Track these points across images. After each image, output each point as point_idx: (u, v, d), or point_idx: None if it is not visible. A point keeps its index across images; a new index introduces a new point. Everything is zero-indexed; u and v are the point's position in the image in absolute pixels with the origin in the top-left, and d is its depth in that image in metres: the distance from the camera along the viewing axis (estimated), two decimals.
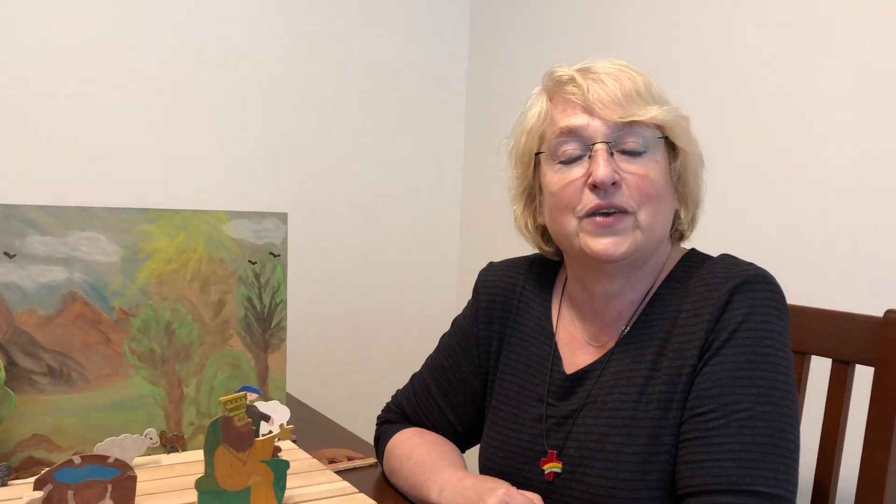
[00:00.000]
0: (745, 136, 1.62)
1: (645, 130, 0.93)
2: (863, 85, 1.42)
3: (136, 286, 1.20)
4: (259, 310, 1.29)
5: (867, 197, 1.41)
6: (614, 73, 0.94)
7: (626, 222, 0.92)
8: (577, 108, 0.94)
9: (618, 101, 0.92)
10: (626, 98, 0.92)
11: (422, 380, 1.18)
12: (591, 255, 0.93)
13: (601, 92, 0.93)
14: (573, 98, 0.95)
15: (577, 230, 0.94)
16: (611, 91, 0.92)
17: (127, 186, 1.98)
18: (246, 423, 0.96)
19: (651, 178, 0.92)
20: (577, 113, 0.94)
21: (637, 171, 0.92)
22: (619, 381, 0.95)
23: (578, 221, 0.94)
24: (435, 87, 2.47)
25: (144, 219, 1.20)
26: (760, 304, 0.89)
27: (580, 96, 0.94)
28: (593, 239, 0.93)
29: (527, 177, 1.03)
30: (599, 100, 0.92)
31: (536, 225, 1.06)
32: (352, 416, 1.83)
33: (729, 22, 1.67)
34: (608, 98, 0.92)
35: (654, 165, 0.93)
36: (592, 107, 0.93)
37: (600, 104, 0.92)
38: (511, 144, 1.05)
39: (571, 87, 0.95)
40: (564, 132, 0.95)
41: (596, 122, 0.93)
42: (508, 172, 1.07)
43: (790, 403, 0.87)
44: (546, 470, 0.97)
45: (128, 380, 1.20)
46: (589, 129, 0.93)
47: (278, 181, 2.20)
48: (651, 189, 0.92)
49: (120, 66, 1.97)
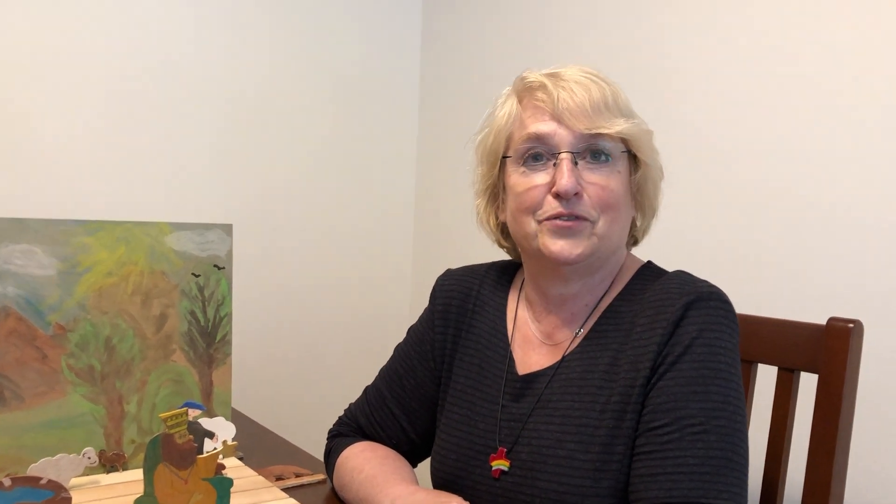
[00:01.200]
0: (689, 146, 1.64)
1: (609, 143, 0.95)
2: (805, 96, 1.45)
3: (74, 300, 1.16)
4: (203, 324, 1.26)
5: (809, 205, 1.44)
6: (584, 81, 0.96)
7: (584, 227, 0.94)
8: (545, 115, 0.96)
9: (585, 112, 0.94)
10: (593, 109, 0.94)
11: (376, 389, 1.18)
12: (547, 255, 0.95)
13: (570, 101, 0.94)
14: (542, 105, 0.97)
15: (537, 231, 0.96)
16: (579, 101, 0.94)
17: (65, 197, 1.92)
18: (188, 440, 0.93)
19: (611, 189, 0.95)
20: (545, 120, 0.96)
21: (598, 181, 0.94)
22: (571, 387, 0.96)
23: (538, 224, 0.96)
24: (386, 95, 2.46)
25: (83, 231, 1.16)
26: (713, 321, 0.91)
27: (549, 104, 0.96)
28: (551, 240, 0.94)
29: (492, 175, 1.05)
30: (568, 109, 0.94)
31: (498, 222, 1.08)
32: (302, 432, 1.80)
33: (682, 30, 1.69)
34: (576, 108, 0.94)
35: (616, 176, 0.96)
36: (561, 115, 0.94)
37: (568, 113, 0.94)
38: (479, 140, 1.07)
39: (541, 93, 0.97)
40: (532, 138, 0.96)
41: (563, 130, 0.95)
42: (474, 168, 1.09)
43: (741, 419, 0.89)
44: (493, 466, 0.97)
45: (65, 398, 1.15)
46: (556, 138, 0.95)
47: (223, 191, 2.16)
48: (611, 199, 0.95)
49: (59, 72, 1.92)
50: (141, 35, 2.02)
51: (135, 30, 2.01)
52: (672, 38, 1.70)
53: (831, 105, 1.41)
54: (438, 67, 2.44)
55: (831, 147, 1.41)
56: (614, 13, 1.84)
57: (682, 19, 1.68)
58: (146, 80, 2.03)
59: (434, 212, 2.46)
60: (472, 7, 2.31)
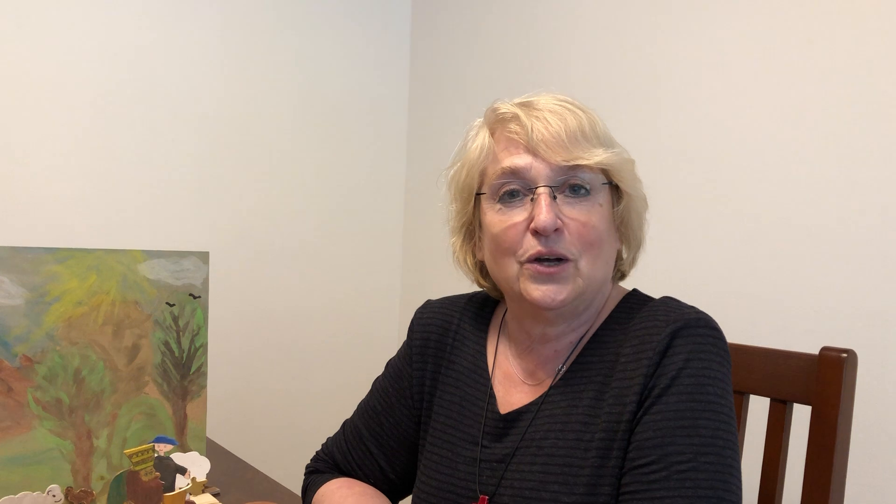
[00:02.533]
0: (677, 176, 1.62)
1: (589, 174, 0.91)
2: (793, 121, 1.43)
3: (42, 331, 1.12)
4: (177, 355, 1.22)
5: (801, 234, 1.41)
6: (558, 110, 0.92)
7: (567, 270, 0.89)
8: (519, 148, 0.91)
9: (562, 143, 0.89)
10: (570, 139, 0.90)
11: (353, 425, 1.14)
12: (530, 301, 0.91)
13: (545, 132, 0.90)
14: (516, 137, 0.92)
15: (518, 275, 0.91)
16: (554, 131, 0.90)
17: (34, 224, 1.87)
18: (153, 477, 0.89)
19: (593, 225, 0.90)
20: (519, 153, 0.91)
21: (579, 216, 0.89)
22: (555, 424, 0.92)
23: (520, 266, 0.91)
24: (374, 118, 2.44)
25: (52, 259, 1.13)
26: (701, 350, 0.86)
27: (523, 136, 0.91)
28: (534, 285, 0.90)
29: (466, 212, 1.00)
30: (543, 140, 0.89)
31: (475, 260, 1.04)
32: (282, 466, 1.75)
33: (670, 53, 1.68)
34: (552, 139, 0.89)
35: (597, 210, 0.91)
36: (536, 148, 0.90)
37: (544, 145, 0.89)
38: (451, 175, 1.02)
39: (514, 125, 0.92)
40: (507, 172, 0.92)
41: (539, 163, 0.90)
42: (447, 204, 1.04)
43: (732, 453, 0.84)
44: None
45: (30, 432, 1.11)
46: (532, 171, 0.90)
47: (200, 218, 2.11)
48: (593, 236, 0.90)
49: (32, 97, 1.89)
50: (118, 59, 2.00)
51: (111, 54, 1.99)
52: (665, 62, 1.69)
53: (821, 132, 1.39)
54: (428, 88, 2.43)
55: (824, 174, 1.39)
56: (603, 35, 1.83)
57: (673, 40, 1.67)
58: (121, 103, 2.01)
59: (425, 237, 2.43)
60: (462, 29, 2.30)
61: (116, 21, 1.99)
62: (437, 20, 2.40)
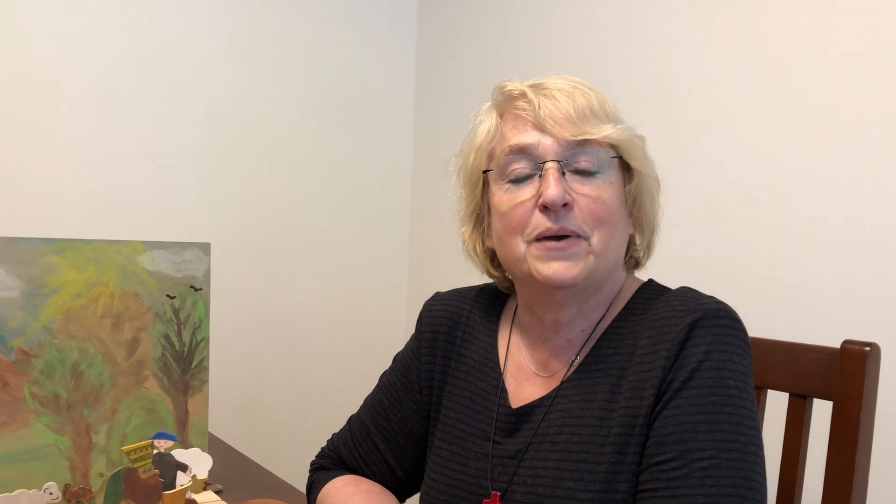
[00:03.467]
0: (698, 164, 1.59)
1: (598, 150, 0.88)
2: (813, 113, 1.40)
3: (40, 324, 1.09)
4: (178, 348, 1.19)
5: (820, 226, 1.38)
6: (567, 89, 0.90)
7: (579, 247, 0.87)
8: (527, 125, 0.90)
9: (570, 119, 0.88)
10: (578, 115, 0.88)
11: (359, 421, 1.11)
12: (540, 280, 0.88)
13: (553, 108, 0.88)
14: (524, 114, 0.90)
15: (526, 254, 0.89)
16: (563, 108, 0.88)
17: (32, 215, 1.85)
18: (152, 474, 0.86)
19: (604, 200, 0.88)
20: (527, 130, 0.89)
21: (590, 192, 0.87)
22: (570, 418, 0.89)
23: (527, 245, 0.88)
24: (380, 109, 2.41)
25: (50, 249, 1.10)
26: (722, 341, 0.83)
27: (531, 112, 0.89)
28: (543, 263, 0.87)
29: (475, 197, 0.98)
30: (551, 116, 0.88)
31: (485, 248, 1.01)
32: (286, 463, 1.73)
33: (683, 42, 1.65)
34: (560, 115, 0.88)
35: (608, 187, 0.89)
36: (544, 124, 0.88)
37: (552, 121, 0.88)
38: (459, 163, 1.00)
39: (522, 102, 0.91)
40: (514, 150, 0.90)
41: (547, 139, 0.88)
42: (456, 192, 1.02)
43: (755, 448, 0.81)
44: None
45: (27, 428, 1.08)
46: (540, 148, 0.88)
47: (202, 208, 2.08)
48: (604, 212, 0.87)
49: (31, 86, 1.87)
50: (120, 49, 1.97)
51: (113, 44, 1.96)
52: (675, 57, 1.66)
53: (841, 122, 1.36)
54: (435, 79, 2.40)
55: (845, 165, 1.36)
56: (612, 26, 1.80)
57: (684, 31, 1.64)
58: (122, 92, 1.98)
59: (432, 231, 2.39)
60: (468, 23, 2.27)
61: (119, 10, 1.96)
62: (444, 15, 2.37)
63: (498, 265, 1.01)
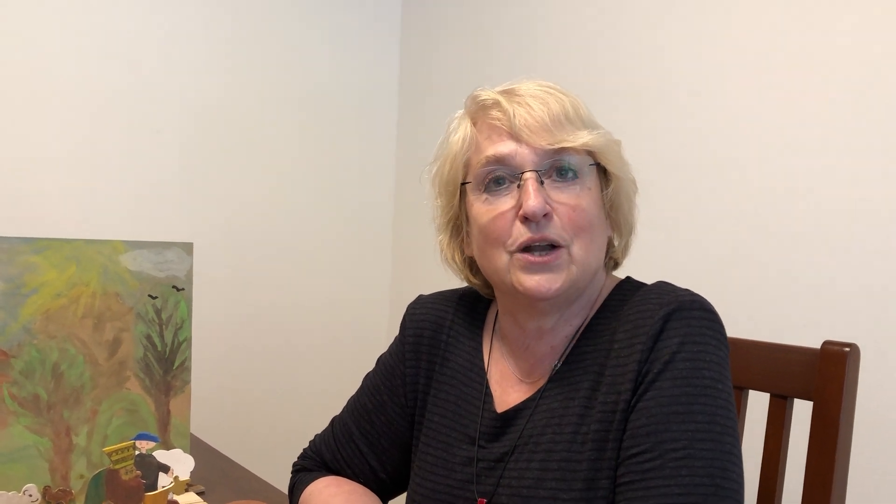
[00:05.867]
0: (677, 163, 1.60)
1: (575, 157, 0.88)
2: (792, 112, 1.41)
3: (19, 324, 1.08)
4: (160, 349, 1.18)
5: (802, 226, 1.39)
6: (540, 95, 0.90)
7: (561, 257, 0.87)
8: (503, 135, 0.89)
9: (545, 127, 0.87)
10: (554, 123, 0.88)
11: (342, 423, 1.10)
12: (523, 291, 0.88)
13: (528, 117, 0.87)
14: (498, 124, 0.90)
15: (509, 266, 0.89)
16: (538, 115, 0.87)
17: (12, 215, 1.83)
18: (134, 475, 0.86)
19: (583, 208, 0.88)
20: (503, 140, 0.89)
21: (568, 200, 0.87)
22: (552, 419, 0.89)
23: (510, 256, 0.88)
24: (363, 109, 2.40)
25: (29, 249, 1.09)
26: (696, 332, 0.84)
27: (506, 122, 0.89)
28: (526, 275, 0.87)
29: (452, 206, 0.98)
30: (526, 125, 0.87)
31: (464, 257, 1.01)
32: (269, 464, 1.72)
33: (663, 43, 1.66)
34: (535, 123, 0.87)
35: (587, 193, 0.89)
36: (519, 133, 0.88)
37: (528, 130, 0.87)
38: (434, 171, 1.00)
39: (496, 111, 0.90)
40: (491, 160, 0.89)
41: (524, 149, 0.88)
42: (432, 201, 1.02)
43: (731, 439, 0.81)
44: None
45: (6, 429, 1.07)
46: (517, 158, 0.88)
47: (183, 209, 2.07)
48: (584, 220, 0.88)
49: (9, 87, 1.85)
50: (102, 49, 1.96)
51: (95, 44, 1.95)
52: (662, 58, 1.66)
53: (821, 125, 1.37)
54: (418, 83, 2.40)
55: (825, 167, 1.37)
56: (597, 25, 1.81)
57: (672, 35, 1.65)
58: (104, 92, 1.96)
59: (414, 232, 2.39)
60: (452, 24, 2.27)
61: (101, 12, 1.95)
62: (428, 15, 2.37)
63: (477, 272, 1.01)
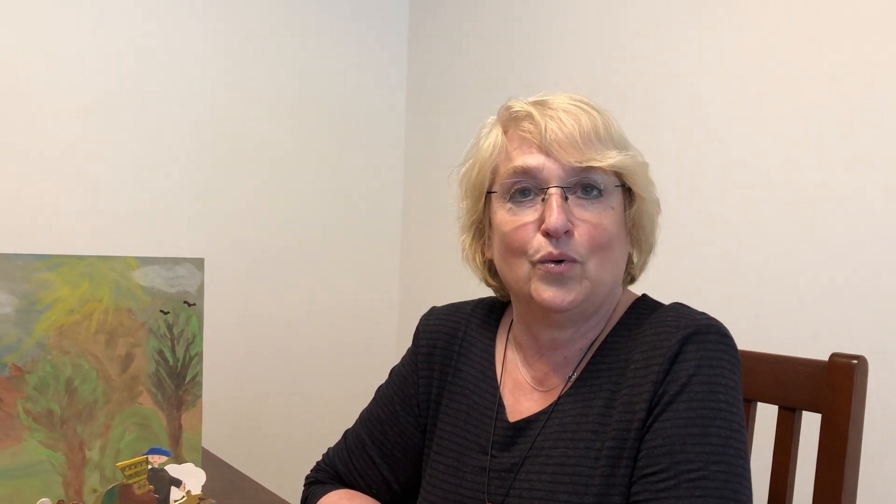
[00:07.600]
0: (685, 177, 1.60)
1: (602, 176, 0.90)
2: (799, 125, 1.41)
3: (33, 339, 1.09)
4: (172, 364, 1.19)
5: (810, 239, 1.39)
6: (573, 110, 0.90)
7: (575, 270, 0.88)
8: (532, 147, 0.90)
9: (575, 144, 0.88)
10: (583, 140, 0.89)
11: (355, 434, 1.12)
12: (539, 302, 0.89)
13: (558, 132, 0.88)
14: (529, 136, 0.91)
15: (530, 275, 0.90)
16: (568, 131, 0.88)
17: (25, 231, 1.85)
18: (147, 490, 0.87)
19: (604, 227, 0.89)
20: (532, 153, 0.90)
21: (591, 218, 0.88)
22: (564, 433, 0.90)
23: (532, 266, 0.90)
24: (371, 121, 2.41)
25: (43, 266, 1.10)
26: (712, 356, 0.85)
27: (536, 135, 0.90)
28: (544, 286, 0.89)
29: (477, 210, 0.99)
30: (556, 140, 0.88)
31: (484, 259, 1.02)
32: (280, 478, 1.72)
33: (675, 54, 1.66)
34: (565, 139, 0.88)
35: (609, 213, 0.90)
36: (549, 147, 0.89)
37: (557, 145, 0.88)
38: (462, 172, 1.01)
39: (528, 123, 0.91)
40: (518, 172, 0.91)
41: (552, 164, 0.89)
42: (458, 201, 1.03)
43: (743, 462, 0.83)
44: None
45: (20, 444, 1.08)
46: (544, 172, 0.89)
47: (194, 224, 2.09)
48: (603, 238, 0.89)
49: (21, 100, 1.87)
50: (112, 62, 1.98)
51: (105, 57, 1.97)
52: (670, 64, 1.67)
53: (830, 136, 1.37)
54: (426, 92, 2.41)
55: (833, 178, 1.37)
56: (606, 37, 1.81)
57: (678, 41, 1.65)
58: (115, 107, 1.98)
59: (423, 243, 2.40)
60: (460, 32, 2.28)
61: (111, 24, 1.97)
62: (435, 24, 2.38)
63: (495, 274, 1.02)
